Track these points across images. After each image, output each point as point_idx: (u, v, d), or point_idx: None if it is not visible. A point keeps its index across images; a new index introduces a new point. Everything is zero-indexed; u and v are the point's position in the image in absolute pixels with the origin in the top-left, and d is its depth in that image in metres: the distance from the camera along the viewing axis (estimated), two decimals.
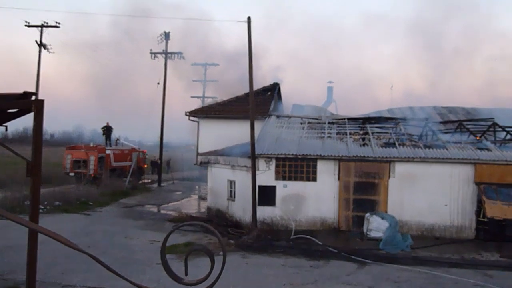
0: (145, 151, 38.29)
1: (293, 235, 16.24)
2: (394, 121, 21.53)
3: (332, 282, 11.58)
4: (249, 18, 17.37)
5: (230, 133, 20.93)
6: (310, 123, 21.72)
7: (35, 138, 3.67)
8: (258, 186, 17.20)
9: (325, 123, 21.49)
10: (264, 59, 71.70)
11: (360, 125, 21.62)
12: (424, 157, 17.12)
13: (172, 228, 2.90)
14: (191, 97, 44.78)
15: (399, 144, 18.34)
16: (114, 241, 15.28)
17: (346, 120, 21.90)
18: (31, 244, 3.62)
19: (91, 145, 31.24)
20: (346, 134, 19.72)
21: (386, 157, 17.39)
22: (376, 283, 11.55)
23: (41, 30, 31.33)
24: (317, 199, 17.65)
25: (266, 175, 17.76)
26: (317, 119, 22.31)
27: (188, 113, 23.68)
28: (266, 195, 17.66)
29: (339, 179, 17.66)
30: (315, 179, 17.75)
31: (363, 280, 11.74)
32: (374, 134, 19.88)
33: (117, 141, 35.73)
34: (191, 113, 23.77)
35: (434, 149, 17.71)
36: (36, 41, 31.29)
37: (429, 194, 16.95)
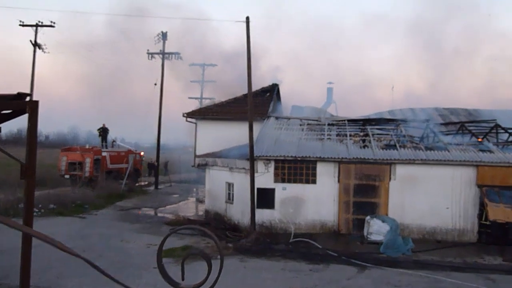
0: (141, 153, 37.98)
1: (292, 239, 16.14)
2: (395, 123, 21.49)
3: (332, 286, 11.56)
4: (248, 18, 17.35)
5: (229, 135, 20.79)
6: (310, 125, 21.65)
7: (30, 140, 3.62)
8: (257, 189, 17.08)
9: (325, 125, 21.43)
10: (263, 60, 71.71)
11: (360, 127, 21.55)
12: (425, 159, 17.00)
13: (169, 232, 2.90)
14: (189, 98, 44.47)
15: (400, 146, 18.24)
16: (110, 245, 15.18)
17: (346, 122, 21.84)
18: (25, 248, 3.54)
19: (87, 147, 30.97)
20: (346, 136, 19.61)
21: (387, 159, 17.28)
22: (377, 287, 11.45)
23: (36, 30, 30.96)
24: (317, 202, 17.51)
25: (265, 178, 17.63)
26: (317, 121, 22.25)
27: (186, 114, 23.56)
28: (265, 198, 17.51)
29: (339, 182, 17.54)
30: (315, 182, 17.63)
31: (364, 284, 11.71)
32: (375, 136, 19.80)
33: (113, 143, 35.44)
34: (189, 114, 23.66)
35: (436, 151, 17.60)
36: (31, 41, 30.98)
37: (431, 197, 16.83)
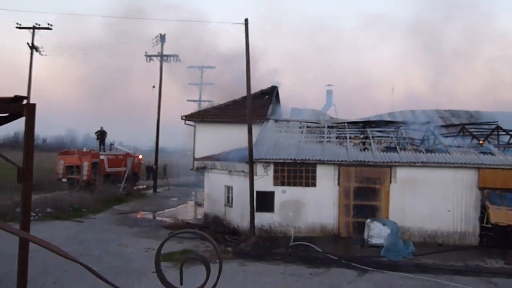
0: (139, 156, 37.83)
1: (292, 242, 16.03)
2: (395, 125, 21.42)
3: None
4: (247, 20, 17.26)
5: (227, 138, 20.69)
6: (309, 127, 21.61)
7: (27, 143, 3.61)
8: (256, 192, 16.97)
9: (325, 127, 21.39)
10: (262, 62, 71.62)
11: (360, 129, 21.48)
12: (426, 162, 16.92)
13: (168, 236, 2.82)
14: (187, 101, 44.47)
15: (400, 149, 18.15)
16: (108, 249, 15.06)
17: (346, 124, 21.79)
18: (22, 253, 3.56)
19: (85, 150, 30.76)
20: (346, 138, 19.54)
21: (387, 162, 17.18)
22: None
23: (33, 32, 30.81)
24: (317, 205, 17.42)
25: (264, 181, 17.52)
26: (316, 123, 22.21)
27: (184, 117, 23.42)
28: (264, 201, 17.40)
29: (339, 185, 17.44)
30: (315, 185, 17.53)
31: None
32: (375, 138, 19.70)
33: (111, 146, 35.28)
34: (187, 117, 23.53)
35: (436, 154, 17.51)
36: (28, 44, 30.84)
37: (431, 200, 16.73)
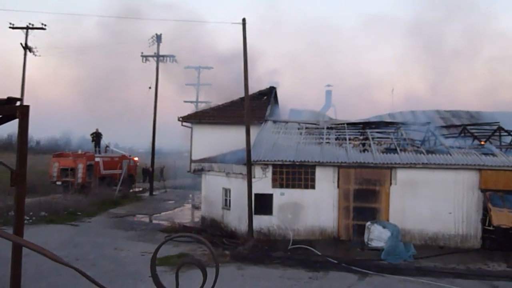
0: (135, 159, 37.57)
1: (291, 245, 15.88)
2: (395, 126, 21.30)
3: None
4: (244, 20, 17.12)
5: (225, 139, 20.59)
6: (308, 129, 21.51)
7: (20, 146, 3.68)
8: (254, 194, 16.80)
9: (324, 128, 21.30)
10: (260, 62, 71.60)
11: (360, 130, 21.41)
12: (427, 163, 16.76)
13: (164, 239, 2.73)
14: (184, 102, 44.36)
15: (401, 150, 18.02)
16: (104, 253, 14.82)
17: (346, 125, 21.73)
18: (15, 257, 3.57)
19: (79, 152, 30.57)
20: (346, 140, 19.42)
21: (387, 163, 17.03)
22: None
23: (27, 32, 30.55)
24: (316, 208, 17.25)
25: (263, 183, 17.35)
26: (315, 124, 22.13)
27: (181, 119, 23.27)
28: (263, 204, 17.22)
29: (339, 187, 17.29)
30: (314, 187, 17.37)
31: None
32: (375, 140, 19.59)
33: (107, 148, 35.14)
34: (184, 119, 23.37)
35: (437, 155, 17.38)
36: (21, 44, 30.56)
37: (432, 202, 16.56)
